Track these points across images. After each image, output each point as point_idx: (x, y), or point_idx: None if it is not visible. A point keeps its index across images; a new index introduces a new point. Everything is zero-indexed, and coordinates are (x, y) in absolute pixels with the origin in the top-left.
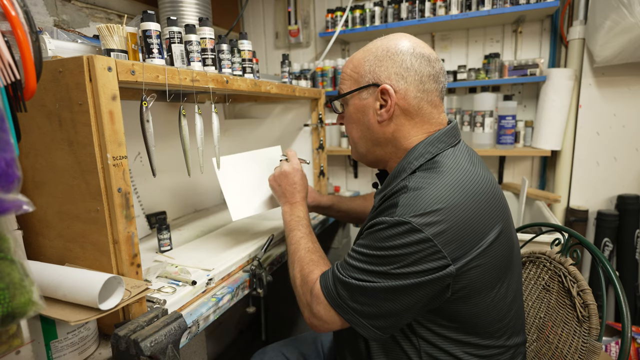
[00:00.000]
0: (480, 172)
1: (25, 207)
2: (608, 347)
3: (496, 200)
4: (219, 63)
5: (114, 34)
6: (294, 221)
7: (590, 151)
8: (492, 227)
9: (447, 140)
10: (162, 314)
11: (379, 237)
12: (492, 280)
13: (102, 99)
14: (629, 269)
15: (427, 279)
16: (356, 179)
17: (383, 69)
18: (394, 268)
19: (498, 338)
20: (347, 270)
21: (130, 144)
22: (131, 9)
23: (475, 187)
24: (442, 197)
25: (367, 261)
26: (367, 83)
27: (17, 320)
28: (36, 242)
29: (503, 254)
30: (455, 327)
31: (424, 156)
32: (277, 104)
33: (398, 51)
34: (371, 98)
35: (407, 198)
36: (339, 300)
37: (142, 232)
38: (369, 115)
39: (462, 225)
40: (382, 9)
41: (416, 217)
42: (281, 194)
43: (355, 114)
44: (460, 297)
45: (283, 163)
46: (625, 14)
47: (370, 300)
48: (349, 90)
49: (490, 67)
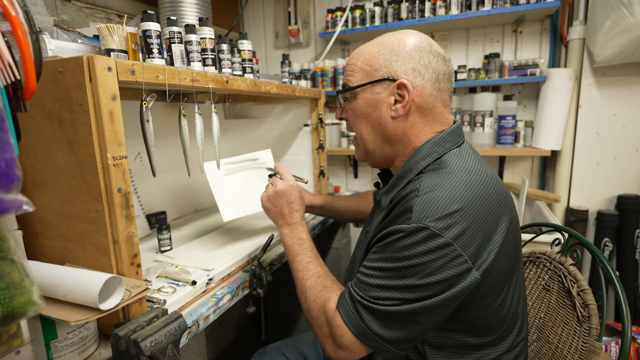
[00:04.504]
0: (487, 170)
1: (25, 207)
2: (608, 347)
3: (503, 195)
4: (219, 63)
5: (114, 34)
6: (296, 244)
7: (590, 151)
8: (500, 220)
9: (452, 140)
10: (162, 314)
11: (397, 247)
12: (504, 279)
13: (102, 99)
14: (629, 269)
15: (454, 292)
16: (356, 179)
17: (400, 63)
18: (417, 279)
19: (505, 338)
20: (365, 291)
21: (130, 144)
22: (131, 9)
23: (485, 185)
24: (456, 198)
25: (387, 276)
26: (381, 77)
27: (17, 320)
28: (36, 242)
29: (513, 248)
30: (464, 330)
31: (430, 156)
32: (277, 104)
33: (416, 47)
34: (385, 92)
35: (421, 202)
36: (362, 327)
37: (142, 232)
38: (381, 110)
39: (477, 223)
40: (382, 9)
41: (434, 222)
42: (278, 214)
43: (365, 108)
44: (474, 299)
45: (277, 181)
46: (625, 14)
47: (399, 324)
48: (361, 83)
49: (490, 67)
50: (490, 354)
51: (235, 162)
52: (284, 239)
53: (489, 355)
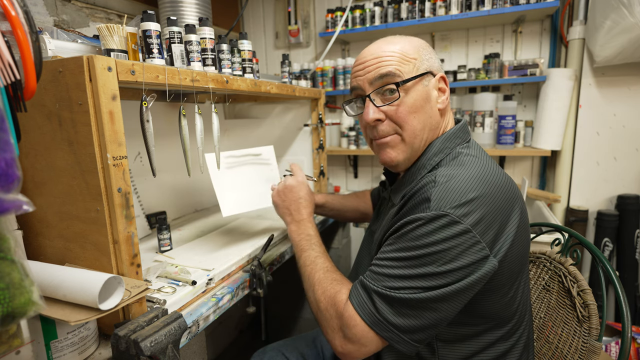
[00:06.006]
0: (496, 164)
1: (25, 207)
2: (608, 347)
3: (513, 186)
4: (219, 63)
5: (114, 34)
6: (304, 240)
7: (590, 151)
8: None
9: (462, 136)
10: (162, 314)
11: (415, 235)
12: (518, 269)
13: (102, 99)
14: (629, 269)
15: (472, 279)
16: (356, 179)
17: (433, 59)
18: (436, 266)
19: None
20: (381, 282)
21: (130, 144)
22: (131, 9)
23: (498, 175)
24: (473, 187)
25: (405, 265)
26: (425, 70)
27: (17, 320)
28: (36, 242)
29: (525, 238)
30: (479, 324)
31: (443, 152)
32: (277, 104)
33: (430, 48)
34: (430, 85)
35: (439, 191)
36: (377, 316)
37: (142, 232)
38: (431, 102)
39: (494, 211)
40: (382, 9)
41: (454, 209)
42: (286, 210)
43: (420, 102)
44: (489, 289)
45: (287, 177)
46: (625, 14)
47: (415, 312)
48: (416, 74)
49: (490, 67)
50: (502, 347)
51: (237, 156)
52: (292, 235)
53: (501, 348)
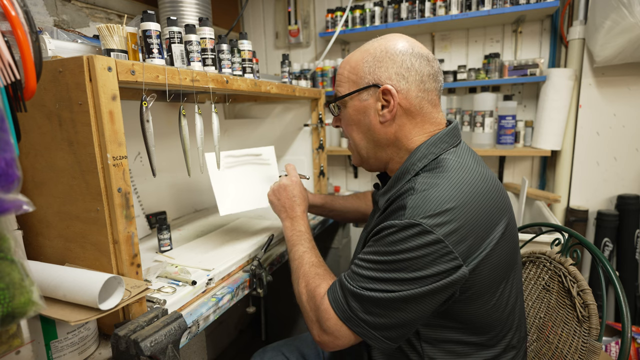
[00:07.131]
0: (484, 171)
1: (25, 207)
2: (608, 347)
3: (501, 196)
4: (219, 63)
5: (114, 34)
6: (295, 236)
7: (590, 151)
8: (498, 222)
9: (449, 141)
10: (162, 314)
11: (389, 241)
12: (499, 278)
13: (102, 99)
14: (629, 269)
15: (441, 284)
16: (356, 179)
17: (383, 69)
18: (407, 273)
19: (503, 337)
20: (356, 281)
21: (130, 144)
22: (131, 9)
23: (482, 185)
24: (451, 197)
25: (378, 268)
26: (367, 84)
27: (17, 320)
28: (36, 242)
29: (509, 249)
30: (461, 329)
31: (427, 157)
32: (277, 104)
33: (398, 51)
34: (372, 99)
35: (415, 199)
36: (349, 312)
37: (142, 232)
38: (370, 116)
39: (472, 223)
40: (382, 9)
41: (426, 219)
42: (281, 208)
43: (355, 116)
44: (469, 297)
45: (282, 177)
46: (625, 14)
47: (384, 311)
48: (348, 92)
49: (490, 67)
50: (487, 354)
51: (237, 156)
52: (285, 231)
53: (486, 355)
